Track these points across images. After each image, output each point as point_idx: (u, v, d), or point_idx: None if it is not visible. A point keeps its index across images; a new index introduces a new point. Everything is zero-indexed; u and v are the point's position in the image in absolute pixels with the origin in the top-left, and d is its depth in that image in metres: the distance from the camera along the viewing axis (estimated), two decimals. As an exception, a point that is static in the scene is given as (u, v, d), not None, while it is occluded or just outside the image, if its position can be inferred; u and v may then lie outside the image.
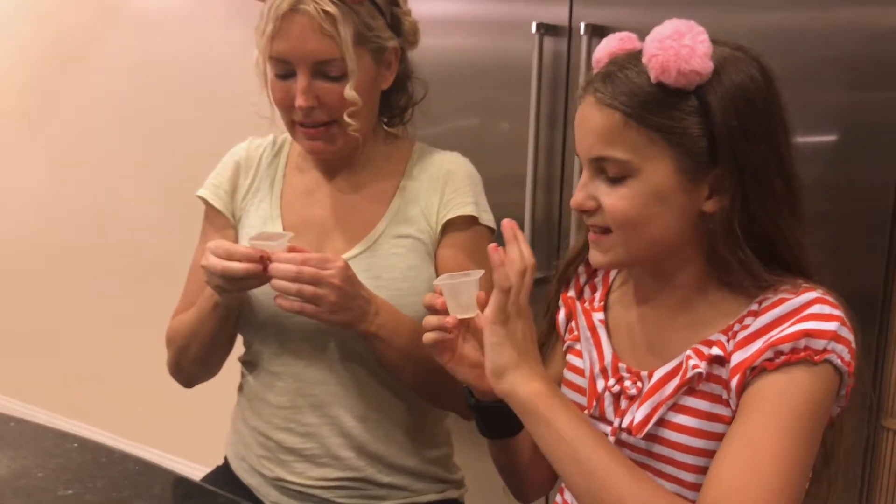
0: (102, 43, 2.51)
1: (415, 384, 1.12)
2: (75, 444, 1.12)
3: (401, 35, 1.14)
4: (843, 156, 1.35)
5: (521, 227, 1.64)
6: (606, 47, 0.89)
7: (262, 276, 1.01)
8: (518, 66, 1.63)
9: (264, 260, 1.00)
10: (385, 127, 1.23)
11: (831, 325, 0.79)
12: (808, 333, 0.78)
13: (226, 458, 1.28)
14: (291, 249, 1.02)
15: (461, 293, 0.89)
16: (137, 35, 2.42)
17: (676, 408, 0.85)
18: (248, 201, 1.20)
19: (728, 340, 0.83)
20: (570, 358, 0.98)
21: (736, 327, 0.84)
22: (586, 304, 0.98)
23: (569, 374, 0.97)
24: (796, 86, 1.38)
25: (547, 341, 1.03)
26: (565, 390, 0.97)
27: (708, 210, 0.84)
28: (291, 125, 1.12)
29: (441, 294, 0.91)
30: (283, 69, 1.08)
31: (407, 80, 1.21)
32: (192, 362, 1.17)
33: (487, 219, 1.18)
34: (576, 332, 0.98)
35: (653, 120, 0.81)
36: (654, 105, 0.81)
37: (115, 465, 1.08)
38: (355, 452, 1.14)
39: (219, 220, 1.21)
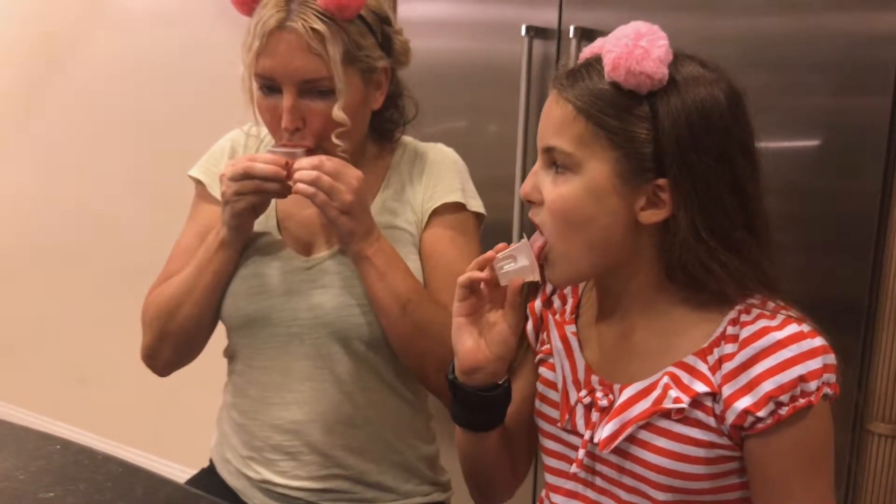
0: (88, 42, 2.49)
1: (398, 333, 1.08)
2: (57, 446, 1.11)
3: (392, 55, 1.12)
4: (829, 160, 1.36)
5: (510, 229, 1.65)
6: (591, 48, 0.89)
7: (285, 182, 1.03)
8: (507, 69, 1.63)
9: (288, 165, 1.03)
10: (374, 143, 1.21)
11: (818, 363, 0.80)
12: (802, 379, 0.80)
13: (211, 461, 1.27)
14: None
15: (514, 259, 0.86)
16: (124, 34, 2.41)
17: (651, 428, 0.85)
18: None
19: (710, 370, 0.83)
20: (543, 371, 0.97)
21: (715, 352, 0.84)
22: (557, 316, 0.97)
23: (542, 388, 0.96)
24: (782, 91, 1.40)
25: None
26: (539, 404, 0.96)
27: (644, 221, 0.84)
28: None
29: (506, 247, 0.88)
30: (269, 85, 1.06)
31: (398, 99, 1.19)
32: (177, 331, 1.13)
33: (476, 205, 1.18)
34: (547, 345, 0.97)
35: (600, 118, 0.82)
36: (604, 103, 0.82)
37: (98, 468, 1.06)
38: (344, 451, 1.14)
39: (216, 203, 1.18)
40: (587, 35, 1.53)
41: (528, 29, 1.60)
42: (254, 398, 1.16)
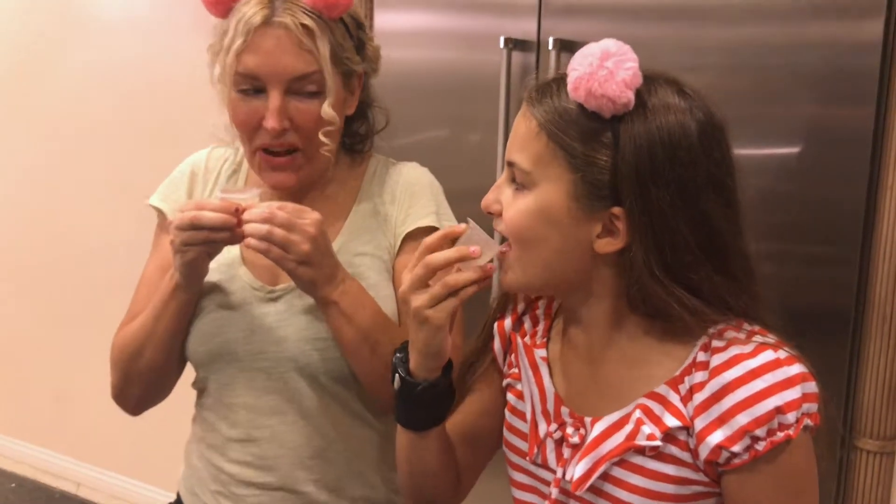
0: (64, 51, 2.46)
1: (367, 373, 1.04)
2: (12, 484, 1.07)
3: (365, 60, 1.10)
4: (813, 169, 1.35)
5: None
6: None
7: (234, 231, 0.96)
8: (487, 80, 1.62)
9: (238, 212, 0.96)
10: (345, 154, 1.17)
11: (795, 392, 0.75)
12: (779, 410, 0.75)
13: (178, 495, 1.22)
14: None
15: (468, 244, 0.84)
16: (100, 43, 2.37)
17: (624, 465, 0.81)
18: None
19: (681, 401, 0.79)
20: (511, 398, 0.93)
21: (686, 381, 0.79)
22: (527, 339, 0.93)
23: (510, 417, 0.92)
24: (765, 99, 1.39)
25: (476, 361, 0.97)
26: (507, 434, 0.92)
27: (599, 250, 0.80)
28: (253, 153, 1.06)
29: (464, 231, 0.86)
30: (251, 86, 1.02)
31: (368, 109, 1.15)
32: (143, 374, 1.09)
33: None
34: (515, 370, 0.93)
35: (561, 138, 0.79)
36: (566, 124, 0.79)
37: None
38: (315, 486, 1.09)
39: None
40: (567, 46, 1.52)
41: (507, 41, 1.58)
42: (222, 433, 1.11)
